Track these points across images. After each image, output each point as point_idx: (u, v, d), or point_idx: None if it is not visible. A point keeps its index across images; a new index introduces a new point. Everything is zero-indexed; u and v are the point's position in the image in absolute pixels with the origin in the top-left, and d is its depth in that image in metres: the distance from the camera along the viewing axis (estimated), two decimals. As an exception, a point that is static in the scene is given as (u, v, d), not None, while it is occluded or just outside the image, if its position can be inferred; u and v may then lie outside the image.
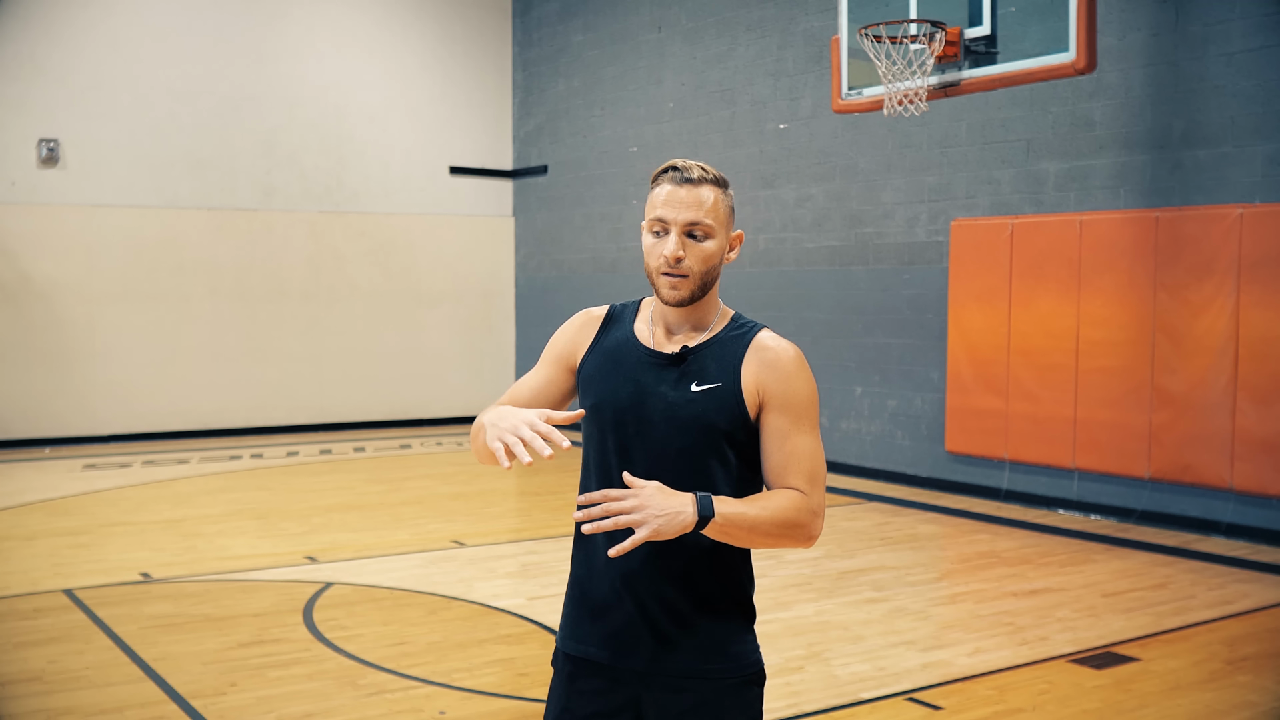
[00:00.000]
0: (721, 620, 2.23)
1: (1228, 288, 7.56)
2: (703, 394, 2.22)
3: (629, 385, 2.26)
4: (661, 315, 2.32)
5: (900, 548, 7.58)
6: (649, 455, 2.22)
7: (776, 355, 2.24)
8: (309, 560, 7.17)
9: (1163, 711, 4.65)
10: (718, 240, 2.23)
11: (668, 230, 2.22)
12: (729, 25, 11.48)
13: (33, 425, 12.07)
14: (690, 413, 2.21)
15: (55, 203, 12.14)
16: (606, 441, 2.26)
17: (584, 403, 2.31)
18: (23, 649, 5.34)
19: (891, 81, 7.23)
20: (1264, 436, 7.41)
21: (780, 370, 2.23)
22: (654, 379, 2.25)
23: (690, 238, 2.22)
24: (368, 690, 4.82)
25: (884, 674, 5.05)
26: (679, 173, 2.24)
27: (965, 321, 9.15)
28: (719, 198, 2.24)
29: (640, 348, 2.29)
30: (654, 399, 2.23)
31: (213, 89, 12.84)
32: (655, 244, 2.25)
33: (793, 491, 2.19)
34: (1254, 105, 7.52)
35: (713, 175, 2.24)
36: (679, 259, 2.20)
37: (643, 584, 2.21)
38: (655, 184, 2.27)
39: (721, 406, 2.21)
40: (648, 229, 2.26)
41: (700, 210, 2.21)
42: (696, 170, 2.23)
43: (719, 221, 2.23)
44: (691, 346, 2.26)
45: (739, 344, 2.27)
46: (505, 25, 14.63)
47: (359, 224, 13.71)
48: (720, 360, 2.25)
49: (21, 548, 7.48)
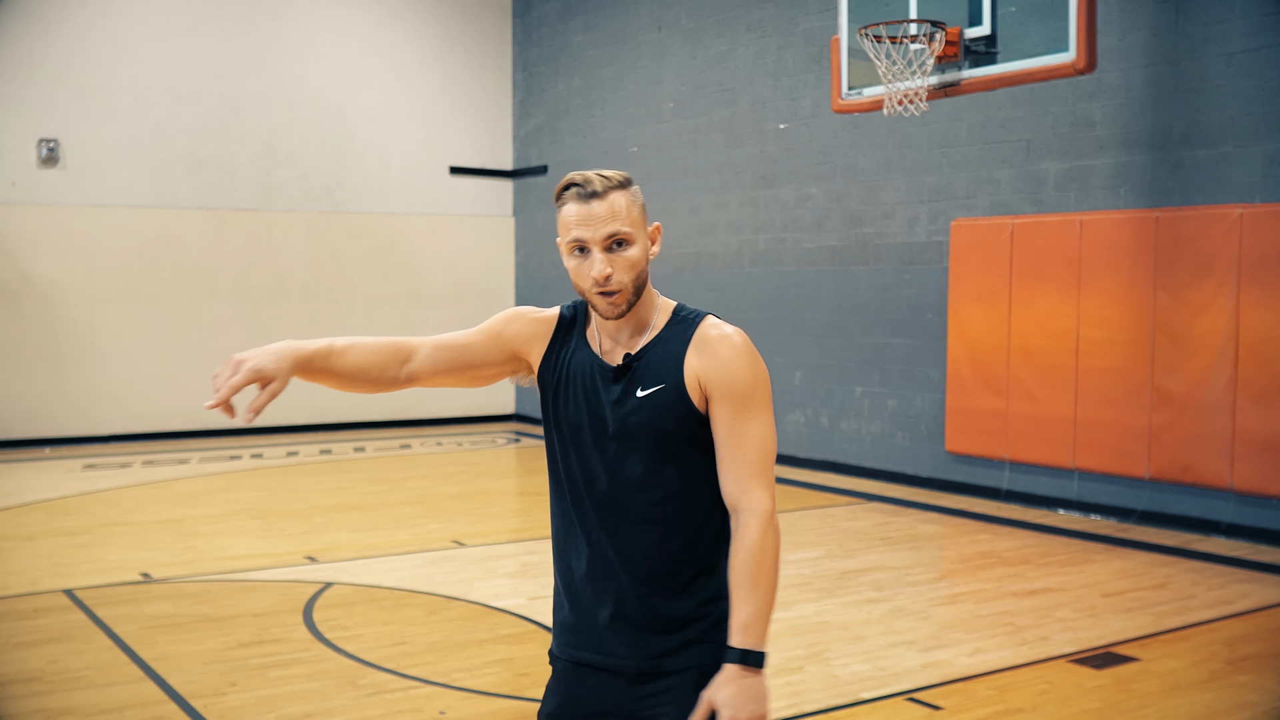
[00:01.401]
0: (705, 610, 2.22)
1: (1228, 288, 7.56)
2: (648, 398, 2.20)
3: (583, 401, 2.25)
4: (605, 325, 2.29)
5: (900, 548, 7.58)
6: (607, 469, 2.21)
7: (715, 343, 2.21)
8: (309, 560, 7.17)
9: (1163, 711, 4.64)
10: (639, 244, 2.20)
11: (587, 249, 2.18)
12: (729, 25, 11.48)
13: (33, 425, 12.07)
14: (639, 419, 2.20)
15: (55, 203, 12.14)
16: (569, 457, 2.26)
17: (545, 413, 2.31)
18: (23, 649, 5.34)
19: (891, 81, 7.23)
20: (1264, 436, 7.41)
21: (719, 358, 2.19)
22: (605, 392, 2.24)
23: (611, 250, 2.18)
24: (368, 690, 4.82)
25: (884, 674, 5.05)
26: (581, 188, 2.19)
27: (965, 321, 9.15)
28: (628, 201, 2.20)
29: (591, 360, 2.27)
30: (605, 412, 2.22)
31: (213, 89, 12.84)
32: (580, 265, 2.20)
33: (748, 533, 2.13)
34: (1254, 105, 7.52)
35: (615, 180, 2.20)
36: (608, 276, 2.16)
37: (621, 584, 2.21)
38: (561, 204, 2.22)
39: (668, 407, 2.19)
40: (567, 250, 2.22)
41: (615, 221, 2.17)
42: (598, 181, 2.18)
43: (635, 225, 2.19)
44: (634, 354, 2.24)
45: (681, 338, 2.24)
46: (505, 25, 14.63)
47: (359, 224, 13.71)
48: (663, 359, 2.23)
49: (21, 548, 7.48)
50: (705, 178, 11.80)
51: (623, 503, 2.21)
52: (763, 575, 2.13)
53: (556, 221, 2.25)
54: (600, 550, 2.24)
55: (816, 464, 10.59)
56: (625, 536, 2.22)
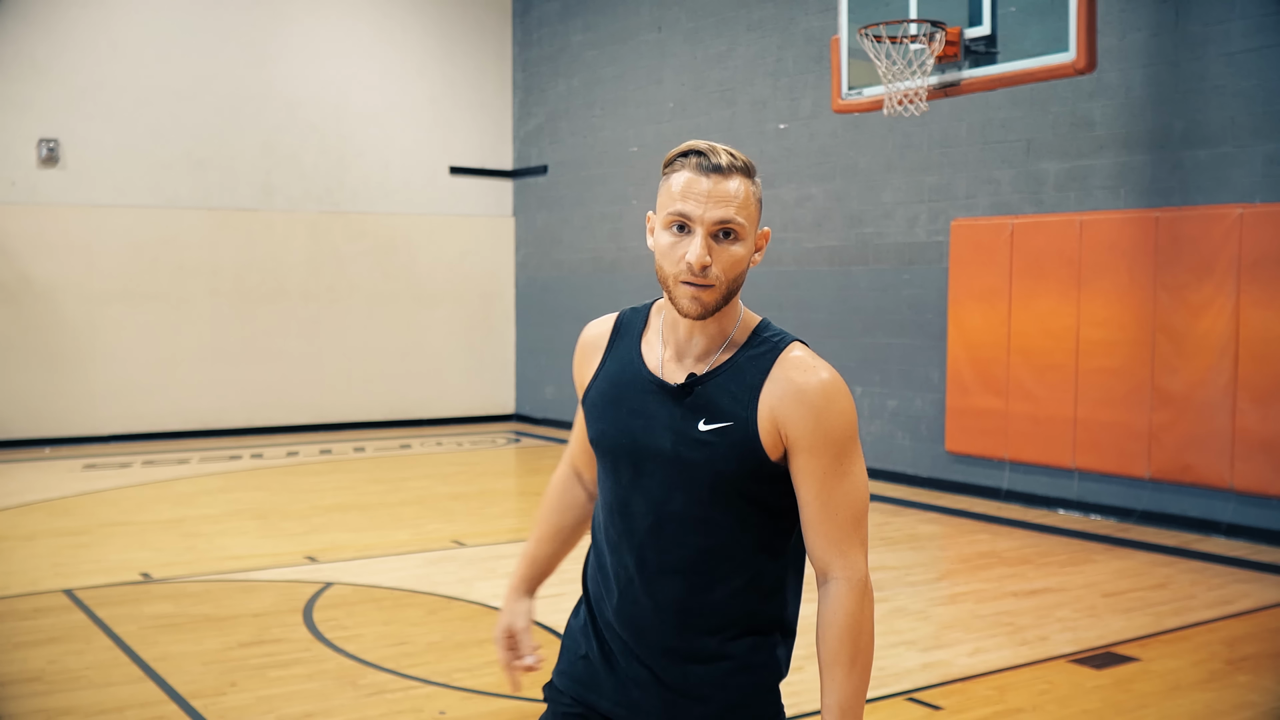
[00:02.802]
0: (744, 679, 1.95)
1: (1228, 288, 7.56)
2: (711, 434, 1.88)
3: (629, 420, 1.93)
4: (673, 329, 1.95)
5: (900, 548, 7.58)
6: (650, 503, 1.92)
7: (804, 386, 1.86)
8: (309, 560, 7.17)
9: (1163, 711, 4.64)
10: (747, 242, 1.87)
11: (690, 228, 1.85)
12: (729, 25, 11.48)
13: (33, 425, 12.07)
14: (696, 457, 1.88)
15: (55, 203, 12.14)
16: (612, 483, 1.98)
17: (591, 436, 2.03)
18: (23, 649, 5.33)
19: (891, 81, 7.23)
20: (1264, 436, 7.41)
21: (810, 405, 1.85)
22: (657, 413, 1.91)
23: (717, 239, 1.85)
24: (368, 690, 4.82)
25: (884, 674, 5.05)
26: (704, 158, 1.86)
27: (965, 321, 9.15)
28: (749, 190, 1.88)
29: (643, 373, 1.95)
30: (655, 439, 1.90)
31: (213, 89, 12.84)
32: (675, 244, 1.86)
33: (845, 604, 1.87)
34: (1254, 105, 7.52)
35: (742, 162, 1.88)
36: (705, 265, 1.83)
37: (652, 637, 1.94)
38: (672, 170, 1.89)
39: (732, 450, 1.87)
40: (664, 225, 1.87)
41: (731, 206, 1.84)
42: (725, 156, 1.86)
43: (750, 219, 1.87)
44: (700, 375, 1.91)
45: (759, 367, 1.89)
46: (505, 25, 14.63)
47: (359, 224, 13.71)
48: (735, 391, 1.89)
49: (21, 548, 7.48)
50: (705, 178, 11.78)
51: (663, 545, 1.91)
52: (860, 651, 1.87)
53: (659, 191, 1.91)
54: (632, 595, 1.95)
55: (816, 464, 10.57)
56: (661, 584, 1.92)
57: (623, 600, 1.96)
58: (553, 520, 2.25)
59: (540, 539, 2.24)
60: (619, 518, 1.96)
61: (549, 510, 2.25)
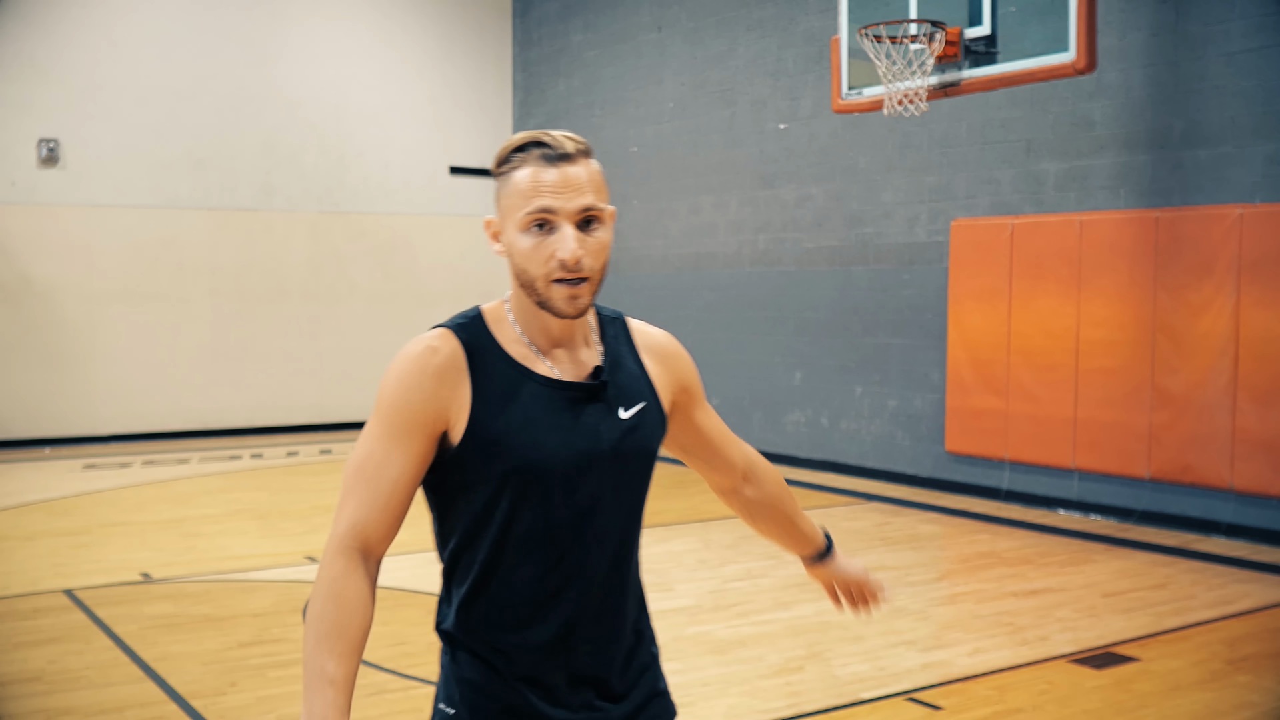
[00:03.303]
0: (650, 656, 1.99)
1: (1228, 288, 7.56)
2: (634, 418, 1.86)
3: (556, 433, 1.79)
4: (543, 331, 1.84)
5: (900, 548, 7.58)
6: (586, 512, 1.83)
7: (667, 345, 1.98)
8: (309, 560, 7.17)
9: (1163, 711, 4.64)
10: (608, 226, 1.79)
11: (553, 224, 1.75)
12: (729, 25, 11.48)
13: (33, 425, 12.07)
14: (630, 445, 1.85)
15: (55, 203, 12.14)
16: (545, 500, 1.80)
17: (491, 468, 1.78)
18: (23, 649, 5.33)
19: (891, 81, 7.23)
20: (1264, 436, 7.41)
21: (681, 360, 2.00)
22: (583, 416, 1.82)
23: (581, 229, 1.76)
24: (368, 690, 4.82)
25: (884, 674, 5.05)
26: (548, 148, 1.75)
27: (965, 321, 9.15)
28: (598, 171, 1.79)
29: (544, 381, 1.81)
30: (593, 442, 1.82)
31: (213, 89, 12.84)
32: (539, 244, 1.75)
33: (771, 468, 2.23)
34: (1254, 105, 7.52)
35: (584, 145, 1.79)
36: (580, 259, 1.74)
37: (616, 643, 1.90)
38: (511, 167, 1.78)
39: (653, 427, 1.90)
40: (521, 227, 1.76)
41: (590, 192, 1.75)
42: (568, 142, 1.77)
43: (606, 201, 1.80)
44: (601, 365, 1.86)
45: (627, 343, 1.93)
46: (505, 25, 14.63)
47: (359, 224, 13.71)
48: (630, 370, 1.89)
49: (21, 548, 7.47)
50: (705, 178, 11.80)
51: (612, 545, 1.86)
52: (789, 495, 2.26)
53: (498, 193, 1.80)
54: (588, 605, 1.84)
55: (816, 464, 10.59)
56: (615, 584, 1.88)
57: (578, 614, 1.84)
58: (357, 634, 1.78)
59: (345, 654, 1.76)
60: (547, 544, 1.80)
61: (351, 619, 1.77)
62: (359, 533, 1.79)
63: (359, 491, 1.80)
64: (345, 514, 1.80)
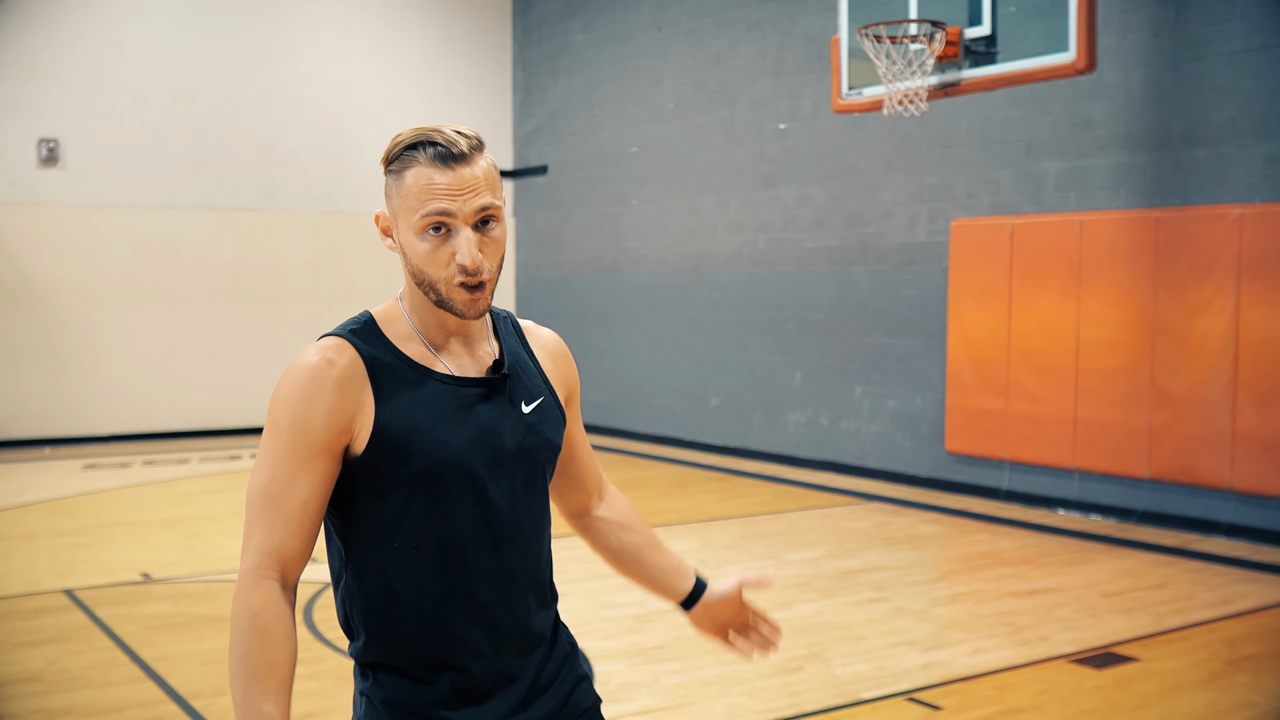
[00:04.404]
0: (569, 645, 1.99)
1: (1228, 288, 7.56)
2: (534, 414, 1.86)
3: (461, 432, 1.77)
4: (440, 329, 1.81)
5: (900, 548, 7.58)
6: (511, 504, 1.82)
7: (556, 346, 1.98)
8: (309, 560, 7.16)
9: (1163, 711, 4.64)
10: (503, 222, 1.77)
11: (450, 227, 1.71)
12: (729, 25, 11.48)
13: (33, 425, 12.07)
14: (532, 441, 1.85)
15: (55, 203, 12.14)
16: (448, 504, 1.76)
17: (390, 473, 1.74)
18: (23, 649, 5.33)
19: (891, 81, 7.23)
20: (1264, 436, 7.41)
21: (569, 362, 2.00)
22: (486, 415, 1.80)
23: (477, 229, 1.73)
24: (368, 690, 4.81)
25: (884, 674, 5.05)
26: (442, 148, 1.70)
27: (965, 321, 9.15)
28: (492, 166, 1.75)
29: (444, 379, 1.79)
30: (498, 439, 1.80)
31: (213, 89, 12.84)
32: (437, 248, 1.71)
33: (626, 500, 2.14)
34: (1254, 105, 7.52)
35: (477, 139, 1.75)
36: (480, 264, 1.72)
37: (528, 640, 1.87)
38: (403, 165, 1.73)
39: (553, 422, 1.90)
40: (418, 230, 1.72)
41: (486, 191, 1.72)
42: (462, 140, 1.72)
43: (501, 197, 1.76)
44: (499, 361, 1.86)
45: (520, 341, 1.93)
46: (505, 25, 14.63)
47: (359, 224, 13.71)
48: (526, 367, 1.89)
49: (21, 548, 7.48)
50: (705, 178, 11.80)
51: (523, 543, 1.85)
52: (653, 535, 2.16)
53: (390, 191, 1.76)
54: (501, 609, 1.82)
55: (816, 464, 10.59)
56: (523, 583, 1.86)
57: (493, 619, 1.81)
58: (287, 669, 1.71)
59: (279, 692, 1.69)
60: (460, 545, 1.77)
61: (278, 654, 1.70)
62: (274, 560, 1.73)
63: (265, 517, 1.72)
64: (254, 542, 1.73)
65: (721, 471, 10.70)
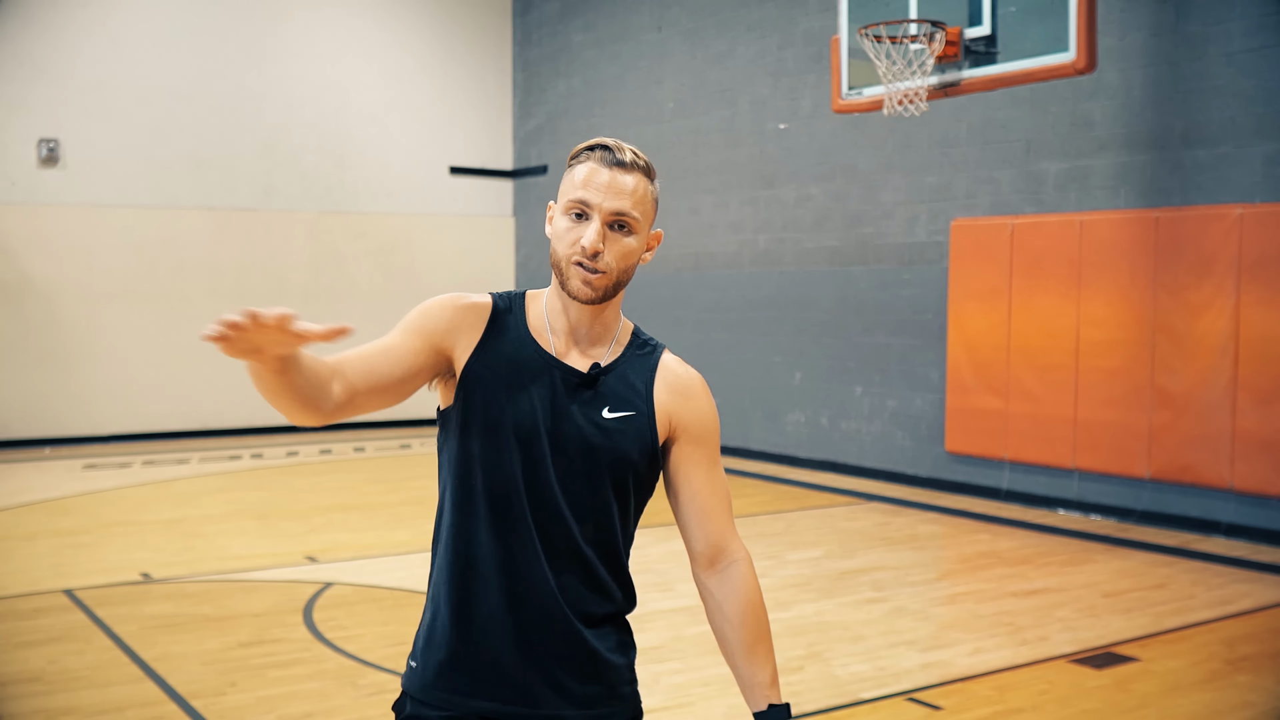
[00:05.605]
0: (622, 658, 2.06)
1: (1228, 288, 7.56)
2: (617, 421, 1.99)
3: (538, 403, 1.96)
4: (563, 318, 2.02)
5: (900, 548, 7.58)
6: (555, 483, 1.96)
7: (689, 383, 2.06)
8: (309, 560, 7.17)
9: (1163, 711, 4.64)
10: (640, 236, 1.98)
11: (588, 215, 1.95)
12: (729, 25, 11.48)
13: (33, 425, 12.07)
14: (604, 442, 1.98)
15: (55, 203, 12.14)
16: (505, 464, 1.95)
17: (471, 414, 1.97)
18: (23, 649, 5.33)
19: (891, 81, 7.23)
20: (1264, 436, 7.41)
21: (695, 399, 2.06)
22: (565, 399, 1.98)
23: (612, 229, 1.95)
24: (368, 690, 4.82)
25: (884, 674, 5.05)
26: (609, 153, 1.97)
27: (965, 321, 9.15)
28: (647, 189, 1.99)
29: (546, 358, 1.99)
30: (567, 423, 1.97)
31: (213, 89, 12.84)
32: (571, 229, 1.95)
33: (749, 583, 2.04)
34: (1254, 105, 7.52)
35: (644, 163, 2.00)
36: (598, 251, 1.93)
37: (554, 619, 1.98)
38: (577, 162, 1.99)
39: (637, 437, 2.00)
40: (563, 211, 1.97)
41: (628, 199, 1.95)
42: (628, 154, 1.98)
43: (645, 215, 1.98)
44: (604, 365, 2.02)
45: (646, 365, 2.05)
46: (505, 25, 14.63)
47: (359, 224, 13.71)
48: (630, 383, 2.02)
49: (21, 548, 7.47)
50: (705, 178, 11.80)
51: (566, 526, 1.97)
52: (767, 625, 2.06)
53: (563, 181, 2.01)
54: (532, 578, 1.96)
55: (816, 464, 10.59)
56: (562, 563, 1.98)
57: (521, 585, 1.96)
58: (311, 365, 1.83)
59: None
60: (524, 498, 1.95)
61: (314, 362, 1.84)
62: (337, 361, 1.89)
63: (371, 347, 1.94)
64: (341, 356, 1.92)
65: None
